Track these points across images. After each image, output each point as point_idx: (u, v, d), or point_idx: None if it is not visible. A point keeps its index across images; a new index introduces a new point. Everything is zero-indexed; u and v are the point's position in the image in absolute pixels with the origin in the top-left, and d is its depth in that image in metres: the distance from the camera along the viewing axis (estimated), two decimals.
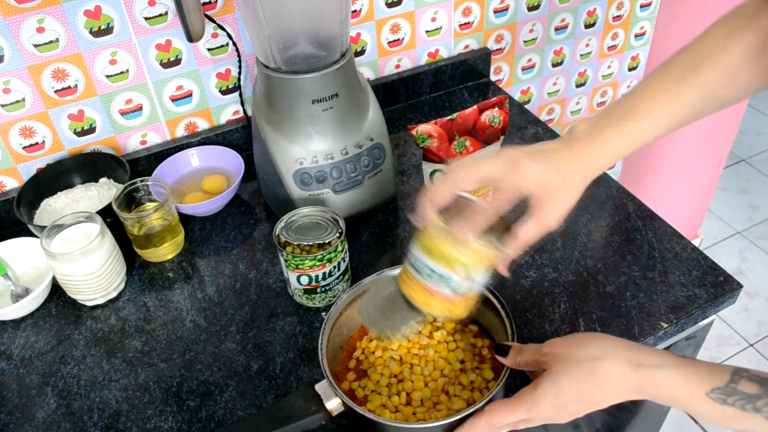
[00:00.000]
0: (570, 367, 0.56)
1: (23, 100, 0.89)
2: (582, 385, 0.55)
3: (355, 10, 1.04)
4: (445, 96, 1.19)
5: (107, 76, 0.93)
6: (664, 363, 0.53)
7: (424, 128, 0.80)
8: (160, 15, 0.91)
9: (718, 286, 0.79)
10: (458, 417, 0.58)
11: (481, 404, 0.59)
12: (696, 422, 1.70)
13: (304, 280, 0.76)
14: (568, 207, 0.57)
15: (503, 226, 0.58)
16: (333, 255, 0.75)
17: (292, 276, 0.76)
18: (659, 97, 0.57)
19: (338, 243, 0.74)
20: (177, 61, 0.96)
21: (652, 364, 0.53)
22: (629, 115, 0.57)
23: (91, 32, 0.88)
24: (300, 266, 0.74)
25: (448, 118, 0.81)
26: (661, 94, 0.57)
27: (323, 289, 0.77)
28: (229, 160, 0.99)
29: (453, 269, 0.56)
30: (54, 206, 0.92)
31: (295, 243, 0.75)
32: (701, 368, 0.52)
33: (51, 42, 0.86)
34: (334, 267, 0.76)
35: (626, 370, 0.54)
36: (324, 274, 0.75)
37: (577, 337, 0.59)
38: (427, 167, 0.83)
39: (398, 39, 1.12)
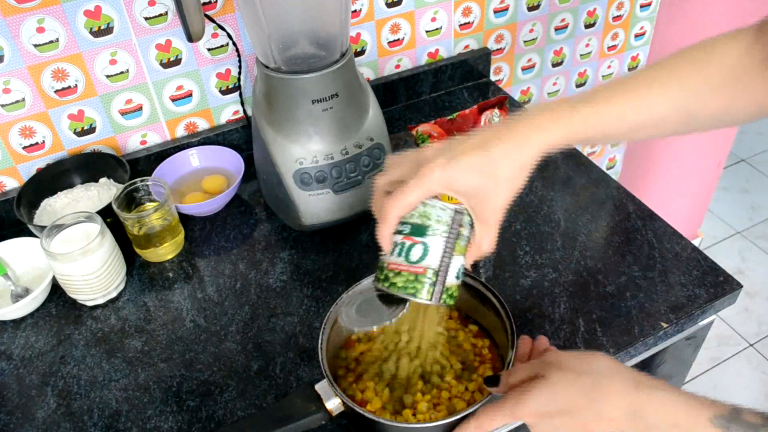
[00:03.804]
0: (571, 377, 0.54)
1: (23, 100, 0.89)
2: (578, 398, 0.53)
3: (355, 10, 1.04)
4: (445, 96, 1.19)
5: (107, 76, 0.93)
6: (666, 386, 0.52)
7: (424, 128, 0.80)
8: (160, 15, 0.91)
9: (718, 286, 0.79)
10: (458, 417, 0.58)
11: (480, 404, 0.59)
12: None
13: (461, 265, 0.58)
14: (506, 198, 0.53)
15: None
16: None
17: (456, 264, 0.57)
18: (623, 91, 0.53)
19: None
20: (177, 61, 0.96)
21: (654, 385, 0.52)
22: (587, 99, 0.53)
23: (91, 32, 0.88)
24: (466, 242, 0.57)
25: (448, 118, 0.81)
26: (628, 90, 0.53)
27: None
28: (229, 160, 0.99)
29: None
30: (54, 206, 0.92)
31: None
32: (702, 397, 0.51)
33: (51, 42, 0.86)
34: None
35: (627, 387, 0.52)
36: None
37: (582, 352, 0.58)
38: None
39: (398, 39, 1.12)
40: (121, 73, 0.93)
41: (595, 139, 0.54)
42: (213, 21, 0.94)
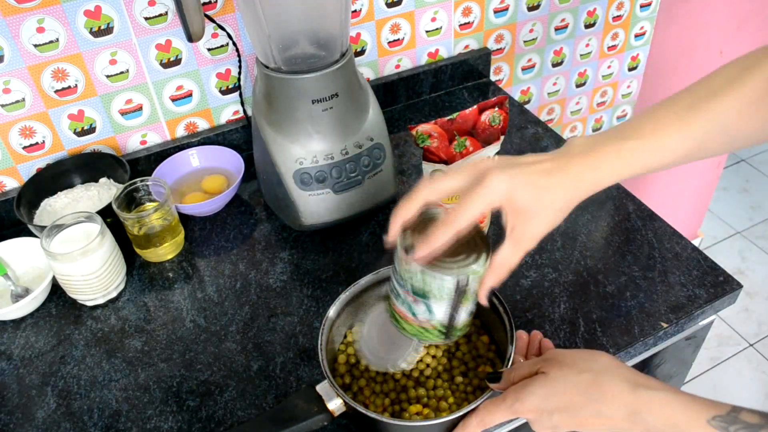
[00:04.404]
0: (570, 375, 0.54)
1: (23, 100, 0.89)
2: (576, 396, 0.53)
3: (355, 10, 1.04)
4: (445, 96, 1.19)
5: (107, 76, 0.93)
6: (664, 387, 0.52)
7: (424, 128, 0.80)
8: (160, 15, 0.91)
9: (718, 286, 0.79)
10: (458, 415, 0.58)
11: (481, 400, 0.59)
12: None
13: (471, 307, 0.58)
14: (547, 226, 0.53)
15: (482, 246, 0.55)
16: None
17: (465, 310, 0.57)
18: (666, 120, 0.52)
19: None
20: (177, 61, 0.96)
21: (653, 386, 0.53)
22: (632, 133, 0.53)
23: (91, 32, 0.88)
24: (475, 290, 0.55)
25: (448, 118, 0.81)
26: (670, 117, 0.53)
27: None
28: (229, 160, 0.99)
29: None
30: (54, 206, 0.92)
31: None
32: (700, 398, 0.51)
33: (51, 42, 0.86)
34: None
35: (624, 390, 0.53)
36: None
37: (582, 350, 0.58)
38: (427, 167, 0.83)
39: (398, 39, 1.12)
40: (121, 73, 0.93)
41: (641, 173, 0.54)
42: (213, 21, 0.94)
